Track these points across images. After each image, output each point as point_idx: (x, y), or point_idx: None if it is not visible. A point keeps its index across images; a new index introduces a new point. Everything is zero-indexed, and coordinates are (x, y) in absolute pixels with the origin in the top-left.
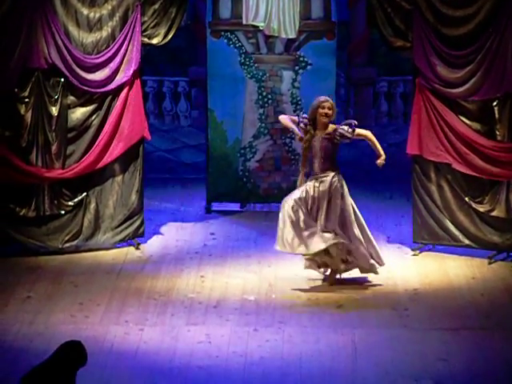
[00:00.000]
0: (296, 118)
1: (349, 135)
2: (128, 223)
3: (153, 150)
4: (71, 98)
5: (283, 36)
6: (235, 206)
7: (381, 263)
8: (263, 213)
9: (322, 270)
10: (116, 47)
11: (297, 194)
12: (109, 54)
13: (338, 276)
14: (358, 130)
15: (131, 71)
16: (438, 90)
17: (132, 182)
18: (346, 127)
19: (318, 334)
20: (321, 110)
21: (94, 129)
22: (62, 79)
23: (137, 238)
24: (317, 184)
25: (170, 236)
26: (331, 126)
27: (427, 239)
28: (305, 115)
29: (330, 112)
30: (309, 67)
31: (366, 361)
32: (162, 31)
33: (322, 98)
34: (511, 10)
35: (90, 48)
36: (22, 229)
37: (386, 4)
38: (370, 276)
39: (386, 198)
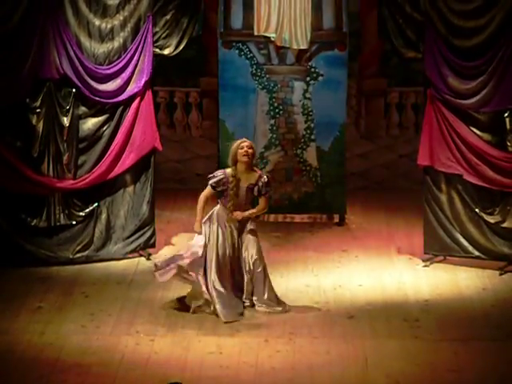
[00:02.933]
0: (210, 190)
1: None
2: (139, 234)
3: (164, 160)
4: (83, 109)
5: (295, 47)
6: None
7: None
8: (274, 224)
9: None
10: (128, 58)
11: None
12: (120, 65)
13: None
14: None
15: (143, 82)
16: (449, 100)
17: (143, 193)
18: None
19: (329, 344)
20: (240, 151)
21: (105, 139)
22: (74, 90)
23: (148, 248)
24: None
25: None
26: (255, 174)
27: (438, 250)
28: (214, 177)
29: (250, 151)
30: (320, 78)
31: (377, 372)
32: (174, 42)
33: (239, 140)
34: None
35: (101, 58)
36: (34, 239)
37: (398, 15)
38: (381, 287)
39: (396, 209)
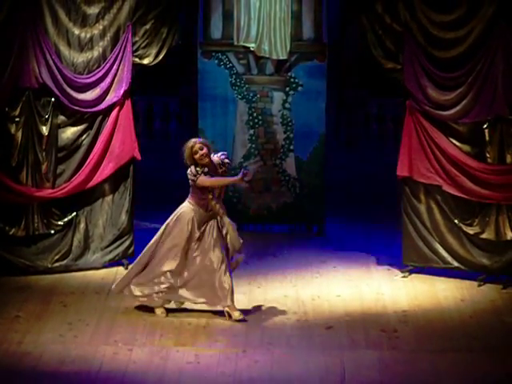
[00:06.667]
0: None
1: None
2: (118, 243)
3: (143, 169)
4: (62, 118)
5: (274, 57)
6: None
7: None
8: (253, 234)
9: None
10: (107, 67)
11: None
12: (100, 74)
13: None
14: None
15: (122, 91)
16: (428, 111)
17: (122, 202)
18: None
19: (307, 355)
20: (196, 156)
21: (84, 148)
22: (53, 99)
23: (126, 258)
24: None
25: None
26: (214, 159)
27: (416, 261)
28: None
29: (204, 151)
30: (299, 88)
31: (355, 382)
32: (153, 51)
33: (189, 144)
34: (501, 32)
35: (80, 68)
36: (12, 248)
37: (377, 26)
38: (359, 297)
39: (375, 220)
